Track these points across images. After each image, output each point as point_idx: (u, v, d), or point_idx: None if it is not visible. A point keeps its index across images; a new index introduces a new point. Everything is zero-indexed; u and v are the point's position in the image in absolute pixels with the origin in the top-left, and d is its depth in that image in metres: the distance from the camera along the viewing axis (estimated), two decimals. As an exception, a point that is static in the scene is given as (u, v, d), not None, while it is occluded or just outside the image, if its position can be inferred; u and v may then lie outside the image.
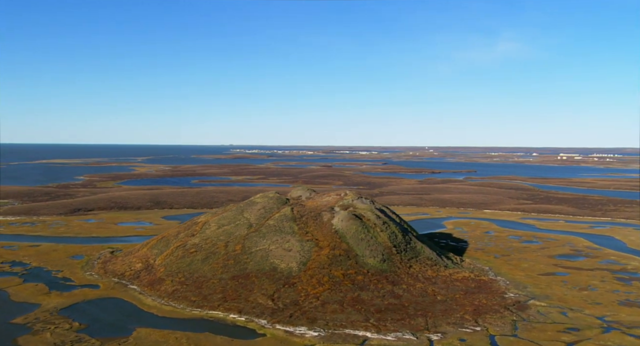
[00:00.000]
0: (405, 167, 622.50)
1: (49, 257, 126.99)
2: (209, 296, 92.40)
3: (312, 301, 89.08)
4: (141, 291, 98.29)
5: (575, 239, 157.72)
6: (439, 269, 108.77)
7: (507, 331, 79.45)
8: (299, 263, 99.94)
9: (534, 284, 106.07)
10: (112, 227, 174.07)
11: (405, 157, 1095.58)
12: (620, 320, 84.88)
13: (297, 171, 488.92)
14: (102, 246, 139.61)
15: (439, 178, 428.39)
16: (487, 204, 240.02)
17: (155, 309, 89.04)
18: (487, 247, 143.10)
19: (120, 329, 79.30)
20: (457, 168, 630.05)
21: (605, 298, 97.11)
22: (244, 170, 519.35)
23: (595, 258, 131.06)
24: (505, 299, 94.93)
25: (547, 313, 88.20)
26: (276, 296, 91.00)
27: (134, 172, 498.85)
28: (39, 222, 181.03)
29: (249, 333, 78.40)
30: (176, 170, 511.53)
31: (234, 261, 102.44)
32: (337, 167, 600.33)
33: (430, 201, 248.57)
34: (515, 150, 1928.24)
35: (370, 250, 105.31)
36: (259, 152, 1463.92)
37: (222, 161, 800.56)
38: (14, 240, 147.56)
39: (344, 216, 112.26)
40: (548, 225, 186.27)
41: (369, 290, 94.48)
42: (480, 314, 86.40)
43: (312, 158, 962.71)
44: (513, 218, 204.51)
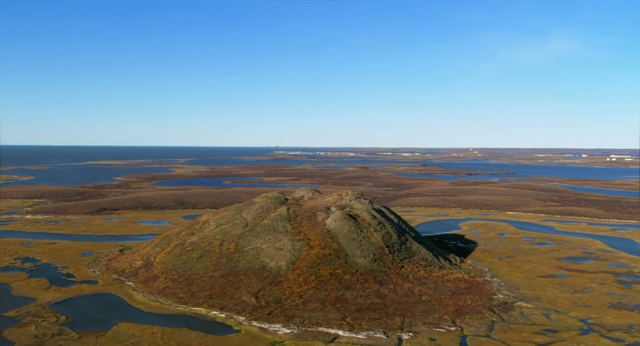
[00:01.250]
0: (443, 169, 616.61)
1: (60, 254, 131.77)
2: (197, 293, 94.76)
3: (294, 300, 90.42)
4: (135, 287, 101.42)
5: (591, 242, 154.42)
6: (432, 270, 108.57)
7: (481, 332, 79.15)
8: (288, 262, 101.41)
9: (528, 286, 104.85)
10: (131, 226, 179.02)
11: (447, 159, 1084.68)
12: (603, 323, 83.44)
13: (331, 172, 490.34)
14: (115, 244, 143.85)
15: (472, 180, 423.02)
16: (512, 206, 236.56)
17: (143, 305, 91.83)
18: (495, 249, 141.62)
19: (103, 323, 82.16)
20: (495, 170, 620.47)
21: (597, 301, 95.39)
22: (279, 171, 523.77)
23: (604, 261, 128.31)
24: (492, 300, 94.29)
25: (530, 314, 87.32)
26: (261, 294, 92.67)
27: (172, 173, 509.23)
28: (63, 221, 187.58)
29: (225, 329, 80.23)
30: (212, 172, 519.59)
31: (226, 260, 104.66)
32: (374, 169, 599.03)
33: (454, 202, 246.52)
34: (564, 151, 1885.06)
35: (362, 250, 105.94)
36: (302, 153, 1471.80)
37: (261, 163, 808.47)
38: (34, 238, 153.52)
39: (338, 216, 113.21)
40: (568, 228, 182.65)
41: (354, 289, 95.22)
42: (460, 314, 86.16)
43: (352, 160, 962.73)
44: (534, 220, 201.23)
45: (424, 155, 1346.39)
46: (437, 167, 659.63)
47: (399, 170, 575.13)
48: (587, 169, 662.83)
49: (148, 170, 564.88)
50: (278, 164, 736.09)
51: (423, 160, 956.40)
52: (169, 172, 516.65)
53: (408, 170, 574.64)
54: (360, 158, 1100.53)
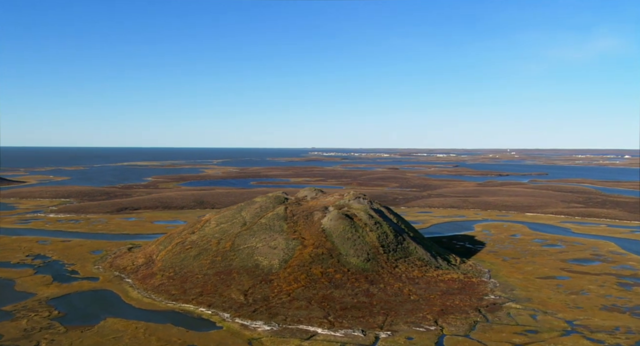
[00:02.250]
0: (474, 170, 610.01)
1: (71, 251, 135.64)
2: (189, 290, 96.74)
3: (281, 298, 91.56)
4: (132, 284, 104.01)
5: (605, 243, 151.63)
6: (427, 270, 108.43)
7: (461, 332, 79.03)
8: (281, 261, 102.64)
9: (524, 287, 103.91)
10: (146, 225, 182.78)
11: (482, 160, 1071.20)
12: (588, 324, 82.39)
13: (359, 173, 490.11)
14: (126, 242, 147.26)
15: (500, 181, 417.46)
16: (532, 207, 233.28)
17: (135, 301, 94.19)
18: (501, 250, 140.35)
19: (92, 318, 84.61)
20: (527, 171, 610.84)
21: (591, 302, 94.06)
22: (308, 172, 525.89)
23: (612, 263, 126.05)
24: (482, 300, 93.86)
25: (517, 315, 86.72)
26: (250, 292, 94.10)
27: (202, 173, 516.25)
28: (83, 220, 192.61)
29: (208, 326, 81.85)
30: (241, 172, 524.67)
31: (221, 258, 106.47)
32: (403, 170, 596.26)
33: (473, 203, 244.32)
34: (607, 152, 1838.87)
35: (355, 249, 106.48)
36: (336, 154, 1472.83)
37: (293, 163, 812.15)
38: (51, 236, 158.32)
39: (334, 215, 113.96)
40: (585, 229, 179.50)
41: (343, 288, 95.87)
42: (445, 314, 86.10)
43: (384, 161, 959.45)
44: (552, 221, 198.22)
45: (459, 156, 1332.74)
46: (468, 168, 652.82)
47: (428, 171, 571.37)
48: (625, 170, 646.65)
49: (179, 170, 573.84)
50: (309, 165, 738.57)
51: (457, 161, 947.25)
52: (199, 173, 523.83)
53: (438, 171, 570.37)
54: (393, 159, 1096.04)
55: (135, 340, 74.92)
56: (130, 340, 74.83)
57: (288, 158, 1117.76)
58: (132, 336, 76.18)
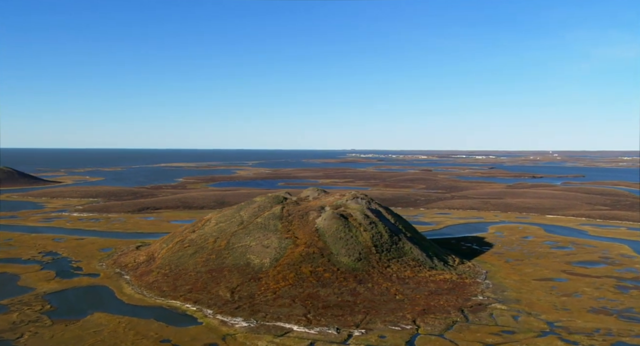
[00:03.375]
0: (508, 172, 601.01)
1: (82, 249, 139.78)
2: (180, 287, 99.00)
3: (267, 295, 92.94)
4: (129, 281, 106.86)
5: (618, 246, 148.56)
6: (420, 270, 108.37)
7: (436, 331, 79.04)
8: (272, 260, 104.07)
9: (517, 288, 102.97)
10: (163, 224, 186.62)
11: (521, 162, 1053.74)
12: (569, 326, 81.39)
13: (389, 175, 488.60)
14: (137, 241, 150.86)
15: (531, 183, 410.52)
16: (555, 209, 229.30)
17: (126, 297, 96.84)
18: (508, 252, 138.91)
19: (80, 312, 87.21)
20: (564, 172, 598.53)
21: (580, 304, 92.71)
22: (339, 173, 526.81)
23: (617, 266, 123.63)
24: (469, 301, 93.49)
25: (499, 316, 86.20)
26: (237, 289, 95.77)
27: (233, 174, 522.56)
28: (103, 219, 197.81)
29: (189, 321, 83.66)
30: (273, 174, 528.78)
31: (215, 256, 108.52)
32: (436, 172, 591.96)
33: (495, 205, 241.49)
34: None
35: (347, 249, 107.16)
36: (373, 156, 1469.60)
37: (327, 165, 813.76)
38: (67, 234, 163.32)
39: (328, 215, 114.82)
40: (603, 232, 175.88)
41: (330, 287, 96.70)
42: (426, 314, 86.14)
43: (420, 163, 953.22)
44: (571, 223, 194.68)
45: (499, 158, 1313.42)
46: (503, 170, 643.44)
47: (461, 173, 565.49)
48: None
49: (212, 172, 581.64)
50: (342, 167, 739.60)
51: (493, 163, 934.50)
52: (231, 174, 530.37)
53: (471, 173, 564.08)
54: (430, 161, 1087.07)
55: (113, 334, 77.24)
56: (109, 334, 77.20)
57: (324, 159, 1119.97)
58: (111, 331, 78.56)
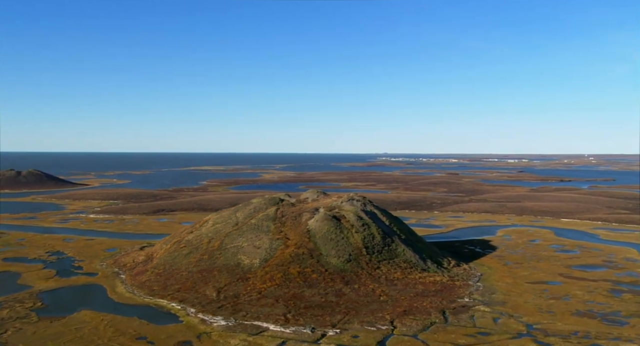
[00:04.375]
0: (537, 175, 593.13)
1: (89, 249, 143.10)
2: (169, 286, 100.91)
3: (251, 295, 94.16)
4: (123, 280, 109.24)
5: (626, 250, 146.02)
6: (411, 272, 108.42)
7: (411, 332, 79.17)
8: (262, 260, 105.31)
9: (507, 291, 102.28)
10: (174, 225, 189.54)
11: (554, 165, 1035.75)
12: (547, 329, 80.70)
13: (412, 178, 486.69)
14: (144, 242, 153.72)
15: (555, 186, 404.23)
16: (571, 213, 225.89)
17: (117, 295, 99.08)
18: (509, 255, 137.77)
19: (69, 310, 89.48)
20: (594, 176, 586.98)
21: (567, 307, 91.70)
22: (363, 177, 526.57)
23: (618, 270, 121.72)
24: (453, 303, 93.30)
25: (479, 318, 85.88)
26: (224, 289, 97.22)
27: (258, 178, 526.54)
28: (117, 220, 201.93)
29: (171, 319, 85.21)
30: (297, 177, 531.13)
31: (208, 256, 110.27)
32: (463, 175, 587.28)
33: (511, 209, 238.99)
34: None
35: (337, 250, 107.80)
36: (403, 160, 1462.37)
37: (353, 168, 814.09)
38: (79, 234, 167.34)
39: (320, 216, 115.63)
40: (615, 236, 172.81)
41: (316, 287, 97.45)
42: (405, 315, 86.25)
43: (449, 166, 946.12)
44: (584, 227, 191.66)
45: (531, 162, 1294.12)
46: (531, 174, 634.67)
47: (487, 177, 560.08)
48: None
49: (237, 175, 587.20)
50: (368, 170, 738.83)
51: (523, 167, 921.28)
52: (255, 177, 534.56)
53: (498, 177, 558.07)
54: (459, 164, 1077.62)
55: (94, 331, 79.27)
56: (89, 331, 79.26)
57: (352, 163, 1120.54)
58: (92, 328, 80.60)
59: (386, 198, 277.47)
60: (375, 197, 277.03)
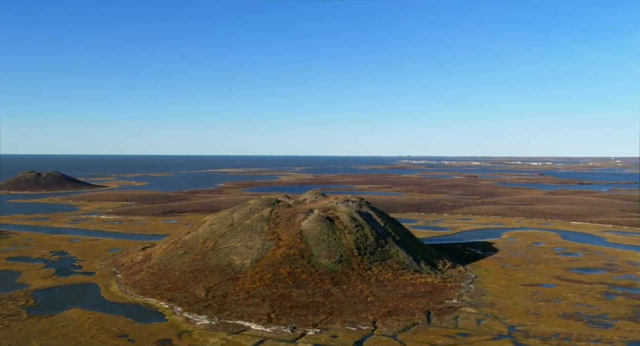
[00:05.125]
0: (557, 178, 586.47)
1: (92, 249, 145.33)
2: (161, 286, 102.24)
3: (239, 295, 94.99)
4: (119, 279, 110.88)
5: (630, 253, 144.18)
6: (402, 273, 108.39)
7: (390, 332, 79.26)
8: (253, 260, 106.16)
9: (497, 293, 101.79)
10: (181, 226, 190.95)
11: (577, 168, 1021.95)
12: (529, 330, 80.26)
13: (428, 181, 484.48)
14: (147, 242, 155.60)
15: (573, 189, 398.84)
16: (583, 216, 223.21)
17: (109, 294, 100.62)
18: (509, 257, 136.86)
19: (59, 308, 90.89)
20: (616, 179, 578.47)
21: (554, 310, 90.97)
22: (380, 179, 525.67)
23: (617, 273, 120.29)
24: (440, 304, 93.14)
25: (463, 319, 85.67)
26: (214, 288, 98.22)
27: (275, 180, 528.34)
28: (127, 221, 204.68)
29: (156, 318, 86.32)
30: (314, 179, 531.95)
31: (201, 257, 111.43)
32: (480, 178, 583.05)
33: (521, 211, 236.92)
34: None
35: (328, 251, 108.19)
36: (425, 162, 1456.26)
37: (373, 171, 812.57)
38: (86, 235, 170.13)
39: (313, 217, 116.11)
40: (623, 239, 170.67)
41: (305, 288, 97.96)
42: (389, 316, 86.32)
43: (470, 169, 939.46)
44: (592, 230, 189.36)
45: (555, 164, 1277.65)
46: (552, 177, 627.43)
47: (506, 179, 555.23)
48: None
49: (255, 177, 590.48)
50: (387, 173, 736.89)
51: (547, 170, 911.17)
52: (272, 179, 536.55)
53: (516, 180, 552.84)
54: (481, 167, 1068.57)
55: (78, 328, 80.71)
56: (74, 328, 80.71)
57: (373, 166, 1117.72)
58: (78, 325, 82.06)
59: (397, 200, 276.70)
60: (386, 199, 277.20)
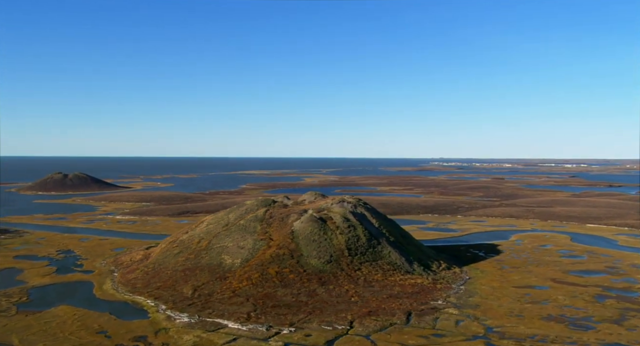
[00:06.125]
0: (586, 180, 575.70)
1: (98, 248, 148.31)
2: (152, 284, 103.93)
3: (225, 294, 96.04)
4: (113, 278, 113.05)
5: (636, 257, 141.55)
6: (393, 274, 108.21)
7: (365, 332, 79.36)
8: (243, 260, 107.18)
9: (486, 295, 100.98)
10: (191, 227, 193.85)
11: (613, 170, 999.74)
12: (506, 331, 79.59)
13: (453, 183, 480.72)
14: (153, 242, 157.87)
15: (599, 191, 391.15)
16: (599, 218, 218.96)
17: (101, 292, 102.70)
18: (510, 259, 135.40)
19: (49, 304, 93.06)
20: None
21: (539, 312, 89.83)
22: (403, 181, 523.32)
23: (616, 276, 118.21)
24: (424, 305, 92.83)
25: (443, 320, 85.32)
26: (201, 287, 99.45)
27: (298, 182, 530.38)
28: (140, 221, 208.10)
29: (139, 315, 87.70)
30: (337, 181, 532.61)
31: (194, 256, 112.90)
32: (506, 180, 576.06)
33: (537, 213, 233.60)
34: None
35: (318, 251, 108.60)
36: (455, 164, 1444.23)
37: (400, 173, 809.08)
38: (96, 234, 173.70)
39: (306, 218, 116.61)
40: (635, 242, 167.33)
41: (291, 287, 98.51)
42: (368, 316, 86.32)
43: (498, 171, 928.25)
44: (606, 233, 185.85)
45: (590, 167, 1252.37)
46: (582, 179, 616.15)
47: (533, 182, 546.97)
48: None
49: (279, 179, 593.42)
50: (412, 175, 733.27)
51: (580, 172, 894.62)
52: (296, 181, 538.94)
53: (544, 182, 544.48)
54: (511, 169, 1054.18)
55: (61, 325, 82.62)
56: (56, 324, 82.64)
57: (400, 168, 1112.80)
58: (61, 321, 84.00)
59: (412, 202, 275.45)
60: (401, 200, 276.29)
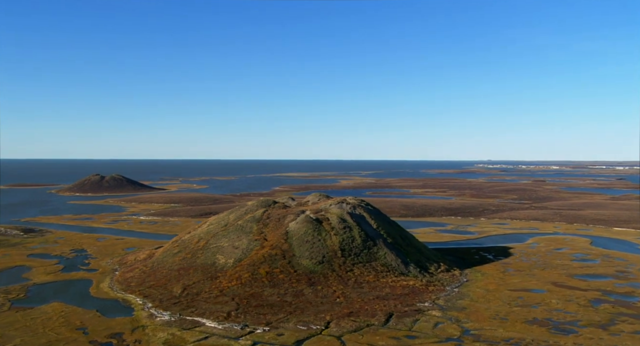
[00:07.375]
0: (632, 183, 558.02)
1: (110, 248, 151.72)
2: (145, 283, 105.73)
3: (212, 293, 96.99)
4: (113, 276, 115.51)
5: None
6: (386, 275, 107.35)
7: (339, 333, 78.93)
8: (236, 260, 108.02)
9: (477, 298, 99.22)
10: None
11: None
12: (482, 334, 78.05)
13: (488, 185, 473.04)
14: (165, 242, 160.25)
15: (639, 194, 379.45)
16: (627, 221, 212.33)
17: (96, 290, 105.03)
18: (518, 262, 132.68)
19: (42, 301, 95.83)
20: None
21: (524, 315, 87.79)
22: (439, 183, 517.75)
23: (623, 280, 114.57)
24: (410, 307, 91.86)
25: (422, 322, 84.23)
26: (191, 286, 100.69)
27: (334, 184, 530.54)
28: (161, 222, 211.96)
29: (124, 313, 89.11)
30: (373, 183, 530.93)
31: (191, 256, 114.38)
32: (547, 182, 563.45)
33: (564, 216, 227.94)
34: None
35: (311, 252, 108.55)
36: (500, 167, 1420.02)
37: (439, 175, 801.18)
38: (114, 234, 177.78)
39: (301, 219, 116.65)
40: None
41: (279, 287, 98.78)
42: (348, 316, 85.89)
43: (542, 173, 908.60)
44: (630, 237, 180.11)
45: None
46: (629, 182, 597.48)
47: (574, 184, 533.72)
48: None
49: (315, 181, 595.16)
50: (452, 177, 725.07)
51: (629, 174, 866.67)
52: (331, 183, 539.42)
53: (587, 185, 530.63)
54: (556, 171, 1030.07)
55: (45, 321, 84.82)
56: (41, 321, 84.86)
57: (441, 170, 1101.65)
58: (46, 318, 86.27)
59: (437, 204, 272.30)
60: (426, 202, 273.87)
